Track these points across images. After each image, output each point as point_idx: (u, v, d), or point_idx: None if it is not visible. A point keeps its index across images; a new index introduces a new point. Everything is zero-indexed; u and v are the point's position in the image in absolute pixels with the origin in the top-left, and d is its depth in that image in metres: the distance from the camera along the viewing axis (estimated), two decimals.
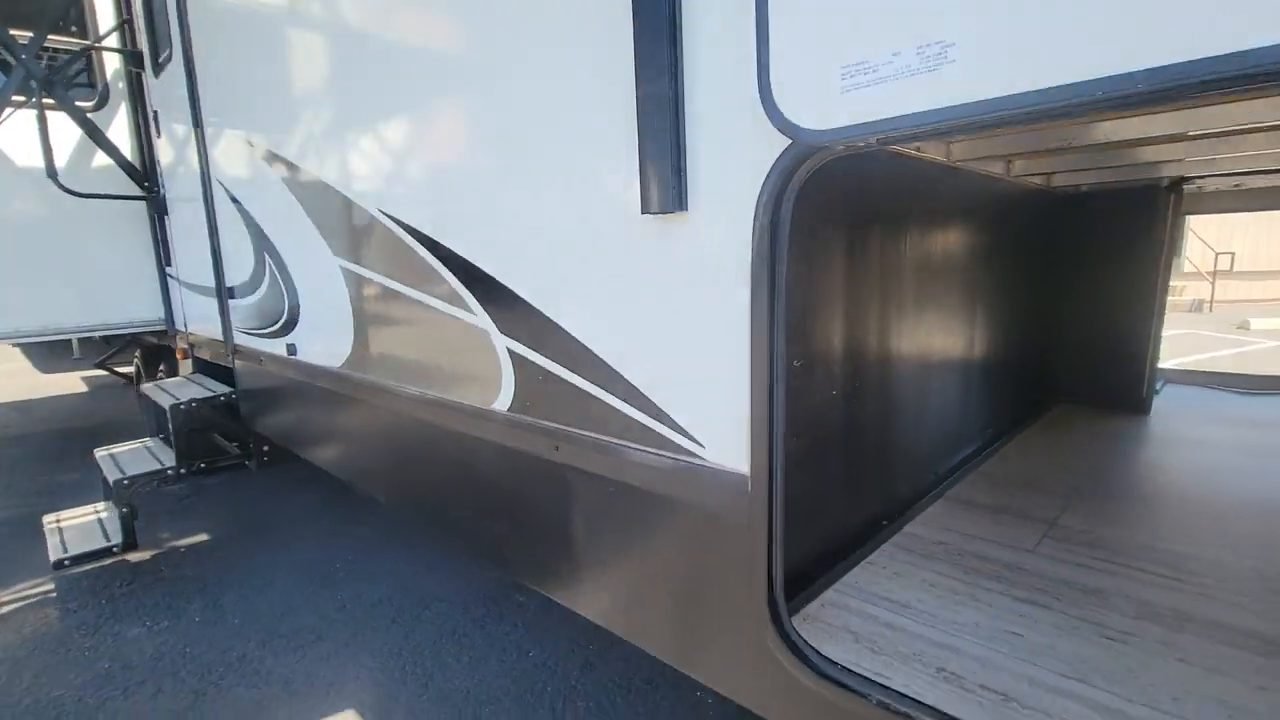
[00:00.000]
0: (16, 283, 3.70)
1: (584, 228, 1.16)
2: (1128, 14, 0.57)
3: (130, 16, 3.69)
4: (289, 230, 2.32)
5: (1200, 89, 0.55)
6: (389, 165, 1.68)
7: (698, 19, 0.93)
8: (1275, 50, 0.51)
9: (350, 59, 1.77)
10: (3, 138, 3.51)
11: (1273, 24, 0.51)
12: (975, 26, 0.66)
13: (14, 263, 3.69)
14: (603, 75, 1.06)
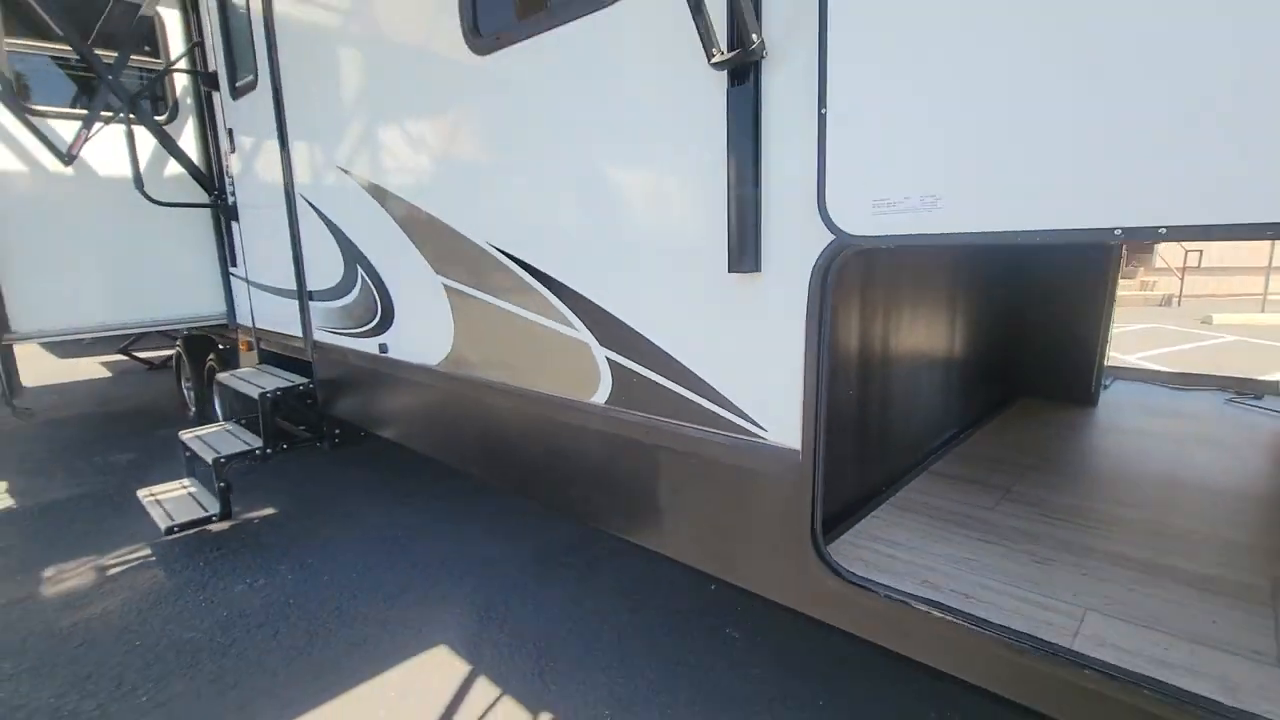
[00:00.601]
0: (96, 281, 4.10)
1: (681, 275, 1.64)
2: (1043, 190, 1.06)
3: (201, 40, 4.06)
4: (388, 249, 2.77)
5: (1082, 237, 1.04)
6: (505, 209, 2.14)
7: (774, 152, 1.41)
8: (1132, 231, 1.00)
9: (468, 114, 2.23)
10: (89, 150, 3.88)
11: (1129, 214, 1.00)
12: (953, 189, 1.14)
13: (94, 263, 4.09)
14: (707, 173, 1.54)
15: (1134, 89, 0.95)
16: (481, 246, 2.24)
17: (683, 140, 1.58)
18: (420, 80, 2.38)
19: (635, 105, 1.69)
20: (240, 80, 3.73)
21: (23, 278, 3.80)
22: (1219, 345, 9.03)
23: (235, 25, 3.70)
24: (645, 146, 1.68)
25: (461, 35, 2.13)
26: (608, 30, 1.69)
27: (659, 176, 1.66)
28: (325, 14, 2.90)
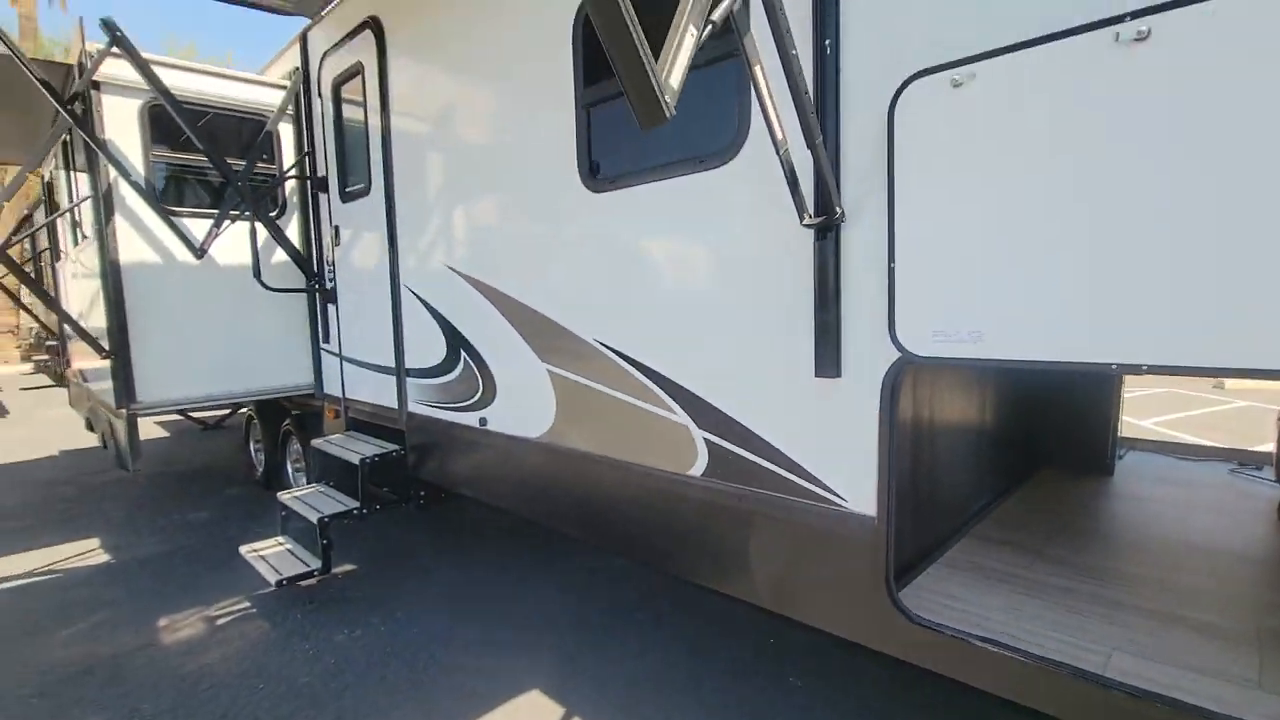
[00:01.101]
0: (209, 357, 4.61)
1: (774, 377, 2.09)
2: (1059, 333, 1.51)
3: (311, 150, 4.71)
4: (494, 338, 3.25)
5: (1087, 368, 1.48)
6: (613, 315, 2.62)
7: (852, 289, 1.88)
8: (1124, 366, 1.44)
9: (581, 238, 2.74)
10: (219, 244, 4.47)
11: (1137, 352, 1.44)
12: (993, 328, 1.59)
13: (208, 341, 4.61)
14: (796, 301, 2.01)
15: (1126, 266, 1.41)
16: (589, 341, 2.72)
17: (775, 276, 2.05)
18: (537, 206, 2.92)
19: (733, 244, 2.18)
20: (351, 187, 4.34)
21: (151, 354, 4.32)
22: (1230, 410, 9.31)
23: (350, 142, 4.33)
24: (742, 279, 2.16)
25: (579, 176, 2.67)
26: (712, 186, 2.20)
27: (754, 301, 2.13)
28: (443, 140, 3.48)
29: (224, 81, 4.71)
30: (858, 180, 1.85)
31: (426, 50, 3.54)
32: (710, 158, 2.20)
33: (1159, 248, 1.36)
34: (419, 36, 3.58)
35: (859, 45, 1.83)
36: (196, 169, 4.70)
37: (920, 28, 1.70)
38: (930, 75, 1.62)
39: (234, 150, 4.63)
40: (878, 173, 1.77)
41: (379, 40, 3.83)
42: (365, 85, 4.00)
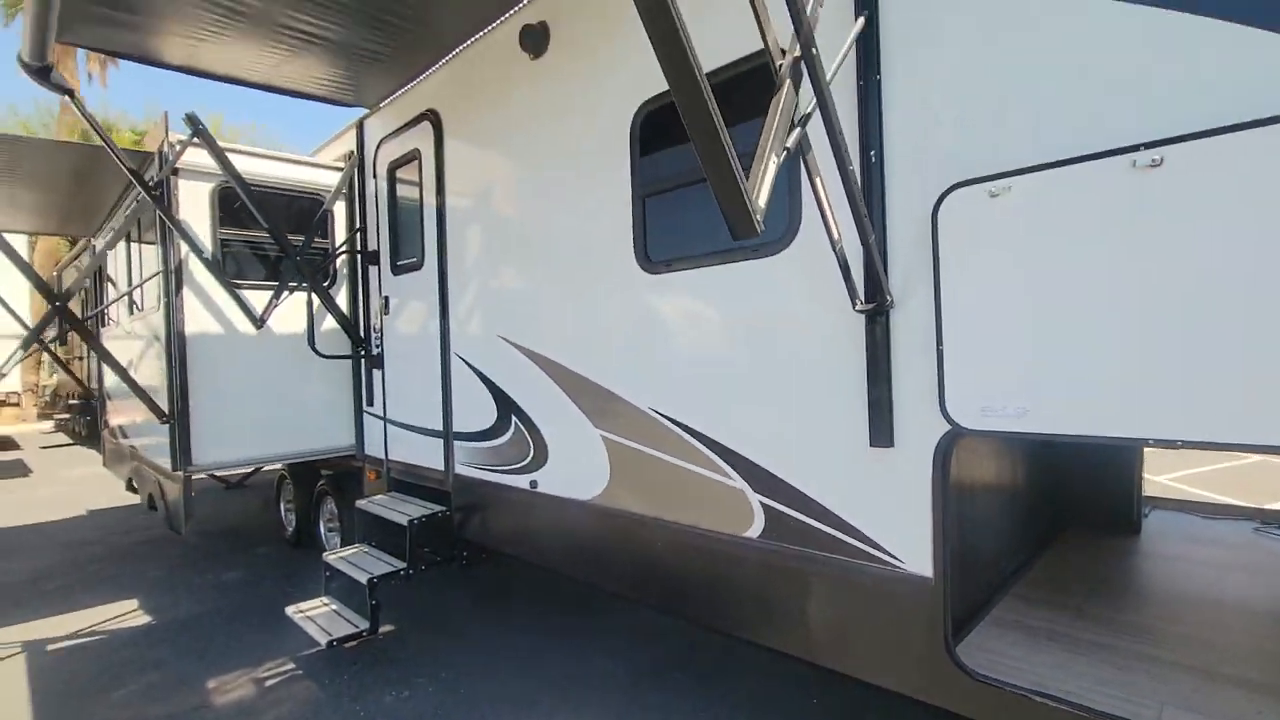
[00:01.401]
0: (259, 420, 4.81)
1: (830, 446, 2.28)
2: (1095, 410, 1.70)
3: (363, 226, 5.04)
4: (547, 404, 3.45)
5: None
6: (666, 385, 2.82)
7: (902, 367, 2.08)
8: (1160, 441, 1.62)
9: (636, 313, 2.97)
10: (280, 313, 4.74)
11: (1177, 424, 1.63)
12: (1037, 404, 1.79)
13: (259, 404, 4.82)
14: (851, 379, 2.21)
15: (1152, 351, 1.62)
16: (644, 410, 2.91)
17: (829, 354, 2.27)
18: (594, 284, 3.17)
19: (788, 324, 2.40)
20: (403, 260, 4.63)
21: (207, 418, 4.53)
22: (1244, 466, 9.37)
23: (404, 219, 4.66)
24: (797, 355, 2.38)
25: (634, 258, 2.93)
26: (767, 272, 2.44)
27: (809, 376, 2.34)
28: (498, 220, 3.78)
29: (282, 164, 5.09)
30: (904, 272, 2.09)
31: (485, 140, 3.88)
32: (764, 247, 2.45)
33: (1180, 335, 1.57)
34: (477, 128, 3.93)
35: (901, 157, 2.10)
36: (255, 244, 5.02)
37: (955, 146, 1.97)
38: (970, 186, 1.87)
39: (288, 225, 4.95)
40: (923, 265, 2.01)
41: (436, 130, 4.19)
42: (421, 168, 4.34)
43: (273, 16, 3.48)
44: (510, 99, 3.63)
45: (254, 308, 4.59)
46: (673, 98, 1.47)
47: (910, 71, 2.08)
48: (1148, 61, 1.66)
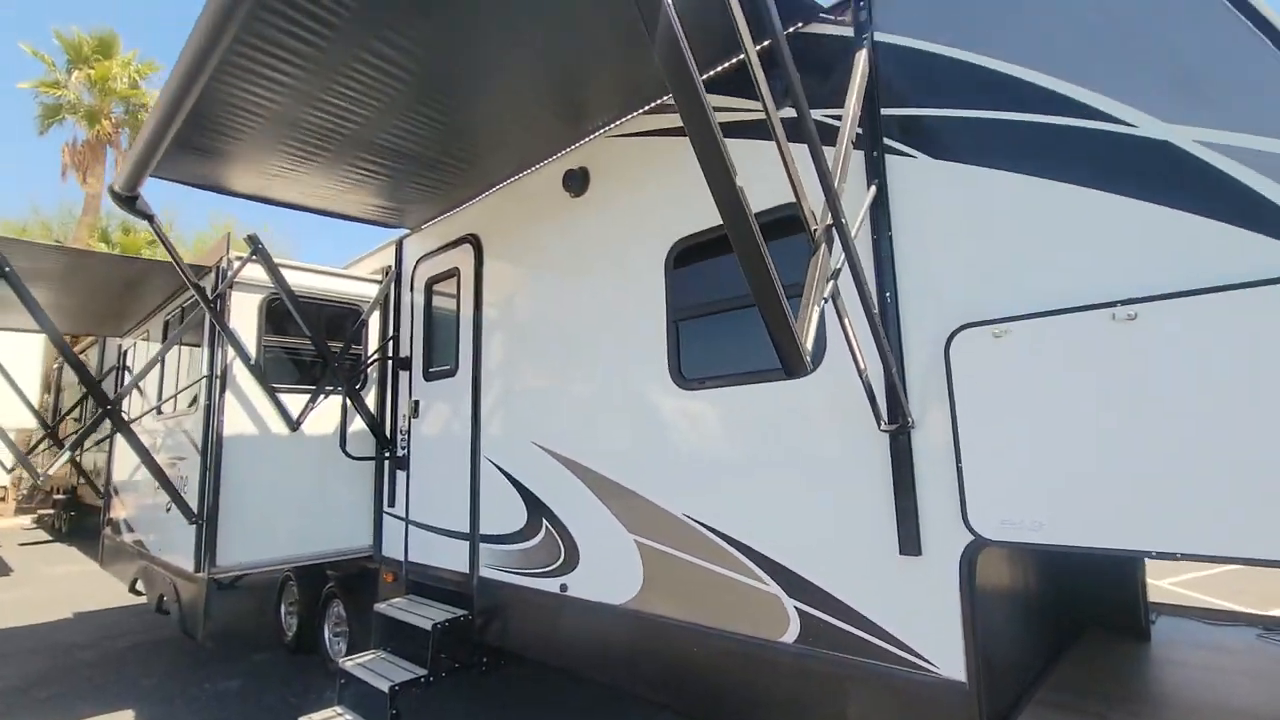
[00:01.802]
0: (283, 522, 4.90)
1: (862, 554, 2.48)
2: (1107, 525, 1.94)
3: (396, 334, 5.37)
4: (579, 509, 3.62)
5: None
6: (701, 493, 3.03)
7: (926, 482, 2.33)
8: (1161, 554, 1.86)
9: (671, 427, 3.23)
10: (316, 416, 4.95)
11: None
12: (1052, 519, 2.03)
13: (283, 506, 4.93)
14: (878, 493, 2.45)
15: (1151, 471, 1.88)
16: (679, 516, 3.11)
17: (857, 468, 2.52)
18: (629, 398, 3.45)
19: (817, 440, 2.67)
20: (435, 367, 4.92)
21: (235, 520, 4.62)
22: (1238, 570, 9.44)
23: (439, 330, 4.99)
24: (828, 469, 2.63)
25: (669, 375, 3.22)
26: (796, 392, 2.73)
27: (840, 488, 2.58)
28: (534, 334, 4.10)
29: (321, 276, 5.48)
30: (923, 397, 2.38)
31: (524, 263, 4.28)
32: None
33: (1166, 459, 1.85)
34: (517, 252, 4.34)
35: (914, 300, 2.45)
36: (293, 350, 5.31)
37: (958, 293, 2.33)
38: (975, 327, 2.21)
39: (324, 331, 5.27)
40: (940, 392, 2.30)
41: (477, 251, 4.60)
42: (460, 285, 4.73)
43: (346, 158, 3.95)
44: (551, 230, 4.06)
45: (290, 411, 4.81)
46: (739, 262, 1.80)
47: (912, 231, 2.48)
48: (1119, 234, 2.04)
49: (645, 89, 3.42)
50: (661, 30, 1.62)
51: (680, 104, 1.70)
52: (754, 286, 1.77)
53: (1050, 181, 2.16)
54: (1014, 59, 2.28)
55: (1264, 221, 1.82)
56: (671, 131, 3.42)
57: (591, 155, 3.85)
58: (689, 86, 1.66)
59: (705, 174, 1.74)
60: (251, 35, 2.79)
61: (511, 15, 2.77)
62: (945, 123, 2.44)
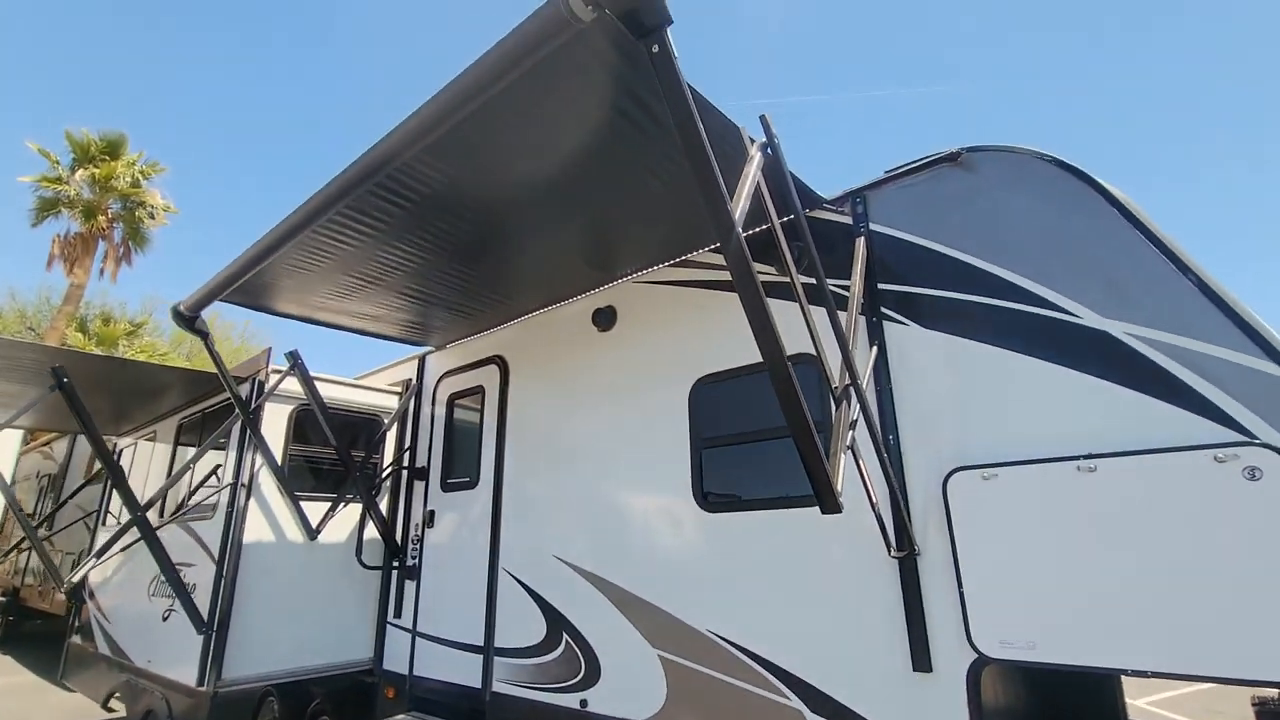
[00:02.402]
0: (285, 633, 4.91)
1: (879, 669, 2.78)
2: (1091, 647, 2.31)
3: (414, 444, 5.65)
4: (600, 623, 3.83)
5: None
6: (725, 611, 3.32)
7: (934, 605, 2.70)
8: (1136, 672, 2.23)
9: (694, 546, 3.55)
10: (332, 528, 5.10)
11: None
12: (1043, 640, 2.40)
13: (288, 617, 4.96)
14: (889, 616, 2.80)
15: (1122, 599, 2.28)
16: (702, 632, 3.37)
17: (872, 591, 2.88)
18: (654, 518, 3.78)
19: (835, 564, 3.03)
20: (454, 478, 5.18)
21: (247, 629, 4.64)
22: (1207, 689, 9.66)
23: (459, 442, 5.30)
24: (845, 590, 2.97)
25: (693, 498, 3.59)
26: (814, 520, 3.11)
27: (857, 609, 2.91)
28: (560, 454, 4.44)
29: (344, 387, 5.80)
30: (925, 528, 2.79)
31: (551, 387, 4.68)
32: (810, 499, 3.16)
33: (1138, 591, 2.26)
34: (545, 376, 4.76)
35: (914, 443, 2.92)
36: (314, 459, 5.53)
37: (954, 440, 2.80)
38: (968, 470, 2.67)
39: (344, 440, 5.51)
40: (941, 524, 2.72)
41: (503, 372, 5.02)
42: (485, 402, 5.10)
43: (388, 294, 4.43)
44: (578, 358, 4.52)
45: (310, 519, 4.97)
46: (784, 415, 2.23)
47: (909, 386, 2.99)
48: (1079, 400, 2.56)
49: (671, 246, 4.01)
50: (734, 245, 2.14)
51: (741, 290, 2.18)
52: (796, 435, 2.20)
53: (1020, 355, 2.71)
54: (983, 256, 2.90)
55: (1180, 397, 2.36)
56: (693, 284, 3.99)
57: (619, 296, 4.39)
58: (749, 281, 2.15)
59: (759, 341, 2.20)
60: (347, 206, 3.31)
61: (559, 189, 3.33)
62: (931, 299, 3.02)
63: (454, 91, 2.36)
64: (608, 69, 2.43)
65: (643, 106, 2.64)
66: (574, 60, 2.35)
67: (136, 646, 5.68)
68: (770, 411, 3.45)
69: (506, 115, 2.67)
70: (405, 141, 2.63)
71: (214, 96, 56.21)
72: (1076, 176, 2.77)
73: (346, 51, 72.22)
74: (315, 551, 5.13)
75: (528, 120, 2.75)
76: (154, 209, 22.03)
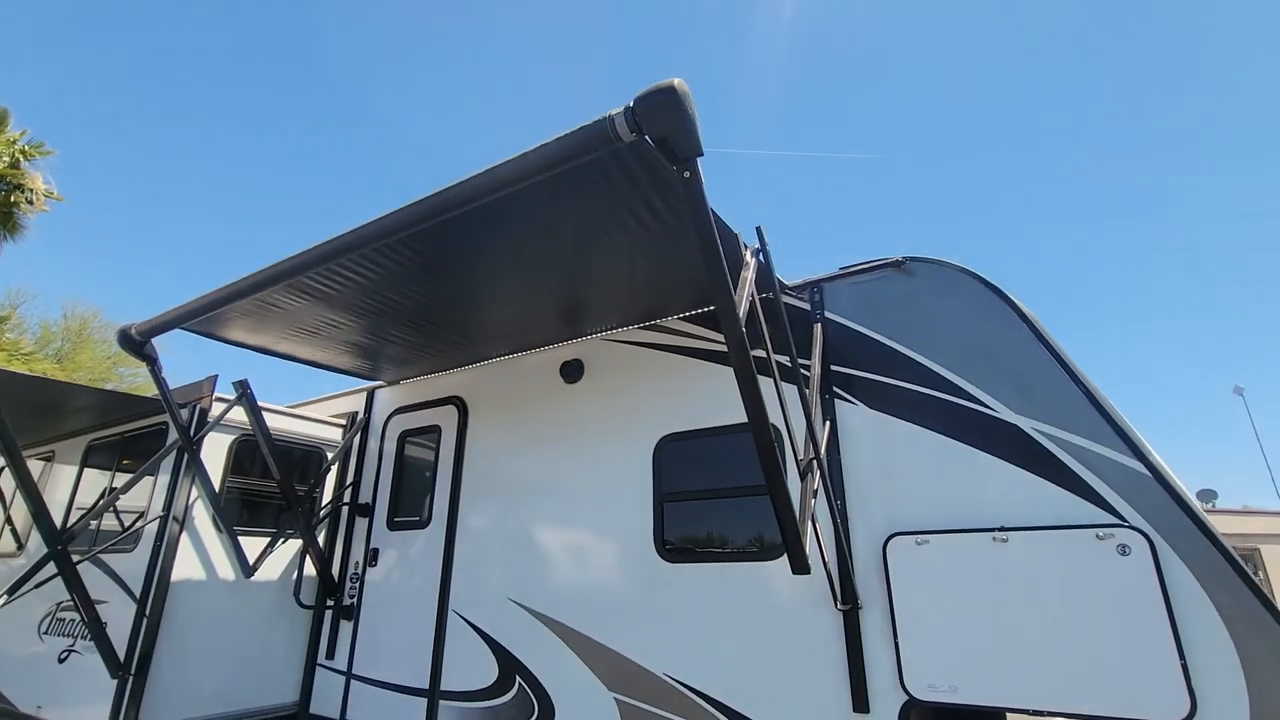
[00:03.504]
0: (209, 676, 4.68)
1: (824, 708, 3.14)
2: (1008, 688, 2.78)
3: (357, 480, 5.59)
4: (555, 665, 3.99)
5: None
6: (680, 647, 3.59)
7: (872, 651, 3.11)
8: (1030, 712, 2.70)
9: (653, 594, 3.81)
10: (271, 564, 4.94)
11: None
12: (963, 682, 2.85)
13: (214, 658, 4.73)
14: (833, 659, 3.18)
15: (1020, 652, 2.77)
16: (658, 675, 3.62)
17: (815, 642, 3.25)
18: (615, 564, 4.01)
19: (785, 613, 3.39)
20: (402, 516, 5.18)
21: (170, 672, 4.39)
22: None
23: (409, 480, 5.31)
24: (794, 637, 3.33)
25: (654, 547, 3.87)
26: (768, 572, 3.48)
27: (804, 654, 3.28)
28: (517, 498, 4.59)
29: (284, 418, 5.66)
30: (866, 584, 3.21)
31: (514, 432, 4.84)
32: (763, 552, 3.53)
33: (1034, 642, 2.76)
34: (507, 421, 4.91)
35: (856, 508, 3.36)
36: (251, 492, 5.34)
37: (889, 513, 3.26)
38: (903, 536, 3.13)
39: (283, 474, 5.37)
40: (880, 581, 3.15)
41: (461, 413, 5.13)
42: (440, 441, 5.17)
43: (350, 333, 4.49)
44: (543, 406, 4.73)
45: (247, 555, 4.80)
46: (769, 489, 2.59)
47: (855, 458, 3.45)
48: (996, 480, 3.08)
49: (644, 311, 4.35)
50: (736, 337, 2.49)
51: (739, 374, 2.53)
52: (777, 504, 2.57)
53: (948, 438, 3.23)
54: (920, 351, 3.44)
55: (1071, 483, 2.93)
56: (660, 346, 4.34)
57: (586, 351, 4.66)
58: (747, 366, 2.51)
59: (750, 418, 2.56)
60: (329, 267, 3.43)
61: (546, 260, 3.60)
62: (873, 383, 3.52)
63: (488, 179, 2.61)
64: (629, 178, 2.76)
65: (650, 209, 2.98)
66: (603, 168, 2.66)
67: (22, 690, 5.17)
68: (728, 471, 3.84)
69: (521, 203, 2.93)
70: (423, 215, 2.83)
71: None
72: (994, 293, 3.37)
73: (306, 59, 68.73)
74: (249, 590, 4.94)
75: (537, 210, 3.02)
76: (34, 194, 20.04)
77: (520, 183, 2.56)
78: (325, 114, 75.59)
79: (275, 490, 5.14)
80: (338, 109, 79.17)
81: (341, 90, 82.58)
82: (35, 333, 23.42)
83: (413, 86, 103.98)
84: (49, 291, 23.32)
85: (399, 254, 3.39)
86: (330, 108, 78.64)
